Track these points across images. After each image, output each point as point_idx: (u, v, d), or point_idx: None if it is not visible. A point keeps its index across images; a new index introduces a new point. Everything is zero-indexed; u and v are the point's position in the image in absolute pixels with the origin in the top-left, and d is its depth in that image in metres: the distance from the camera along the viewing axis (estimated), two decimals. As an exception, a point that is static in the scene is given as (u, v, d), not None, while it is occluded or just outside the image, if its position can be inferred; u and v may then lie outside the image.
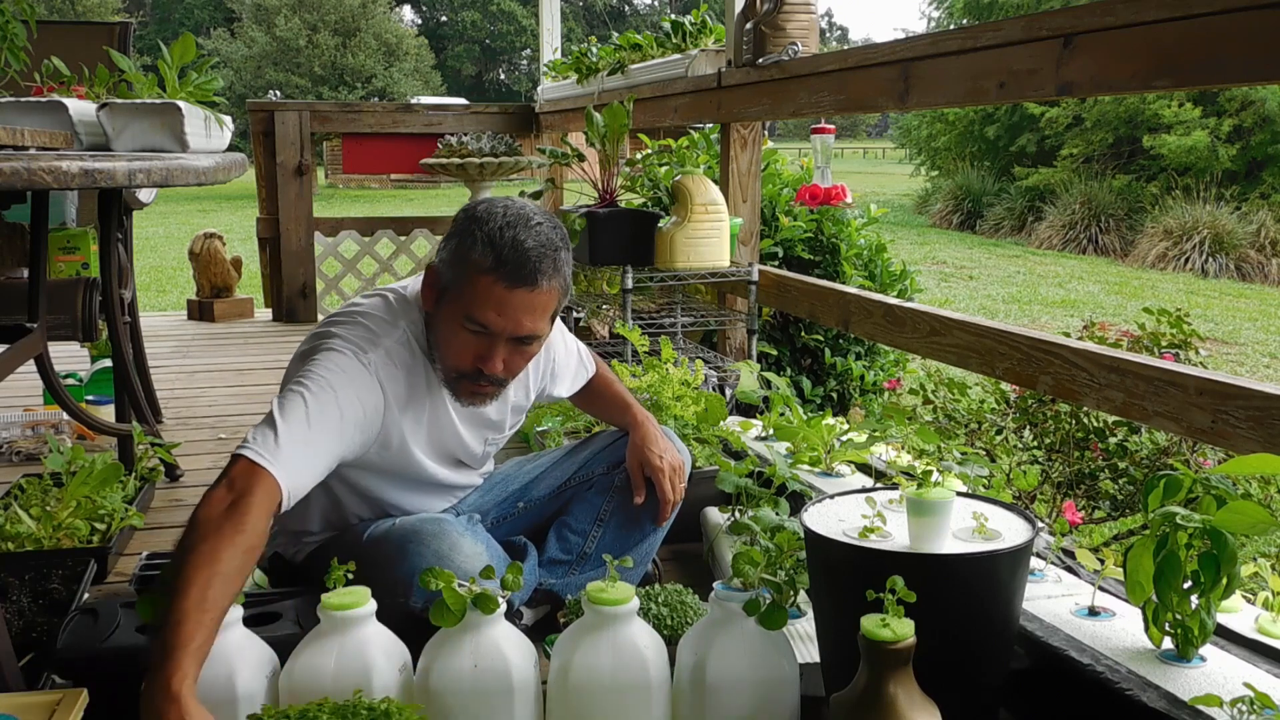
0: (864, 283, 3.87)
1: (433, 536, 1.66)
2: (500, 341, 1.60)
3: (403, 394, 1.67)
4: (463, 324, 1.60)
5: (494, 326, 1.58)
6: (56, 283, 2.47)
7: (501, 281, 1.56)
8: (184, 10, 42.33)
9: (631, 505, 1.93)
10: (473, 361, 1.62)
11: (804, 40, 2.96)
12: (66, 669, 1.52)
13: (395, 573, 1.62)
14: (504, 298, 1.56)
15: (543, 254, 1.57)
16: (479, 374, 1.63)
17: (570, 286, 1.67)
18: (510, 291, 1.56)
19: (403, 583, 1.60)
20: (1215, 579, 1.34)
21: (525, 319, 1.59)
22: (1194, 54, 1.64)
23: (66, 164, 1.45)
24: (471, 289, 1.57)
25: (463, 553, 1.64)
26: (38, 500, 2.14)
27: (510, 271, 1.56)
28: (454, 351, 1.63)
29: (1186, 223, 12.69)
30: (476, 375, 1.63)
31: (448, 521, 1.72)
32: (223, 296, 5.50)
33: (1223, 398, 1.69)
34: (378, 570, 1.56)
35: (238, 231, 10.96)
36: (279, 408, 1.51)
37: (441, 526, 1.68)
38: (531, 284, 1.57)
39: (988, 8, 19.61)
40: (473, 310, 1.58)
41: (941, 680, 1.27)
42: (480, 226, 1.58)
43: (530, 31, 41.61)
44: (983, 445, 3.22)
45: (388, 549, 1.67)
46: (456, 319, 1.60)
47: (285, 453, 1.44)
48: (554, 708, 1.40)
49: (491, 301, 1.56)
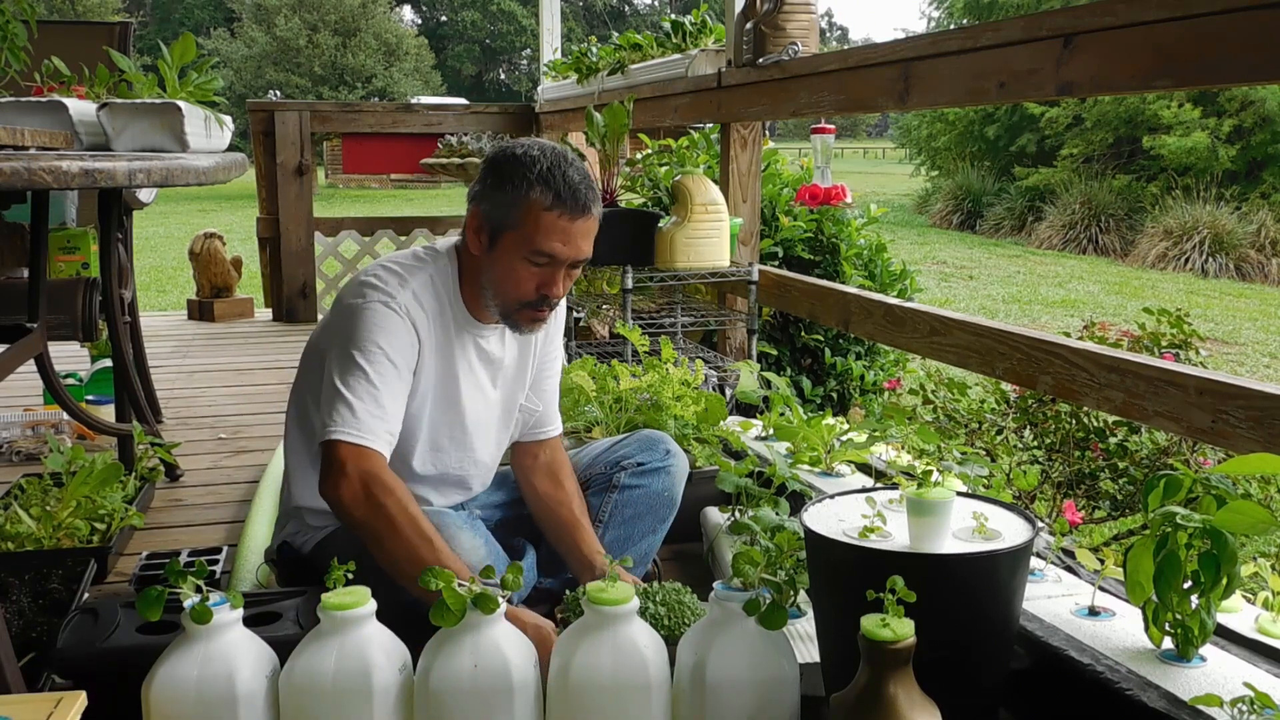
0: (864, 283, 3.88)
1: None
2: (563, 268, 1.74)
3: (430, 335, 1.77)
4: (527, 258, 1.72)
5: (560, 255, 1.72)
6: (56, 283, 2.47)
7: (566, 215, 1.70)
8: (184, 10, 42.33)
9: (630, 505, 1.93)
10: (537, 290, 1.75)
11: (804, 40, 2.96)
12: (66, 669, 1.52)
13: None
14: (567, 229, 1.71)
15: (588, 184, 1.75)
16: (543, 300, 1.76)
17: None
18: (572, 222, 1.71)
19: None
20: (1215, 579, 1.34)
21: (584, 243, 1.74)
22: (1194, 54, 1.64)
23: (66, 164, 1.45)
24: (535, 224, 1.70)
25: (461, 545, 1.66)
26: (38, 500, 2.14)
27: (571, 205, 1.71)
28: (515, 284, 1.75)
29: (1186, 223, 12.70)
30: (540, 302, 1.76)
31: (447, 514, 1.74)
32: (223, 296, 5.50)
33: (1223, 398, 1.69)
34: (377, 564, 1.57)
35: (238, 231, 10.95)
36: (343, 383, 1.64)
37: (441, 519, 1.70)
38: (586, 212, 1.73)
39: (988, 8, 19.61)
40: (538, 244, 1.71)
41: (941, 680, 1.27)
42: (530, 169, 1.71)
43: (530, 31, 41.62)
44: (983, 445, 3.22)
45: None
46: (519, 255, 1.73)
47: (368, 423, 1.61)
48: (554, 707, 1.40)
49: (557, 233, 1.71)
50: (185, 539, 2.42)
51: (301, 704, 1.35)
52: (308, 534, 1.87)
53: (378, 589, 1.40)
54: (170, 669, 1.34)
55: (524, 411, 1.96)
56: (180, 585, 1.34)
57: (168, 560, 1.79)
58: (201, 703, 1.32)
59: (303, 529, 1.87)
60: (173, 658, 1.35)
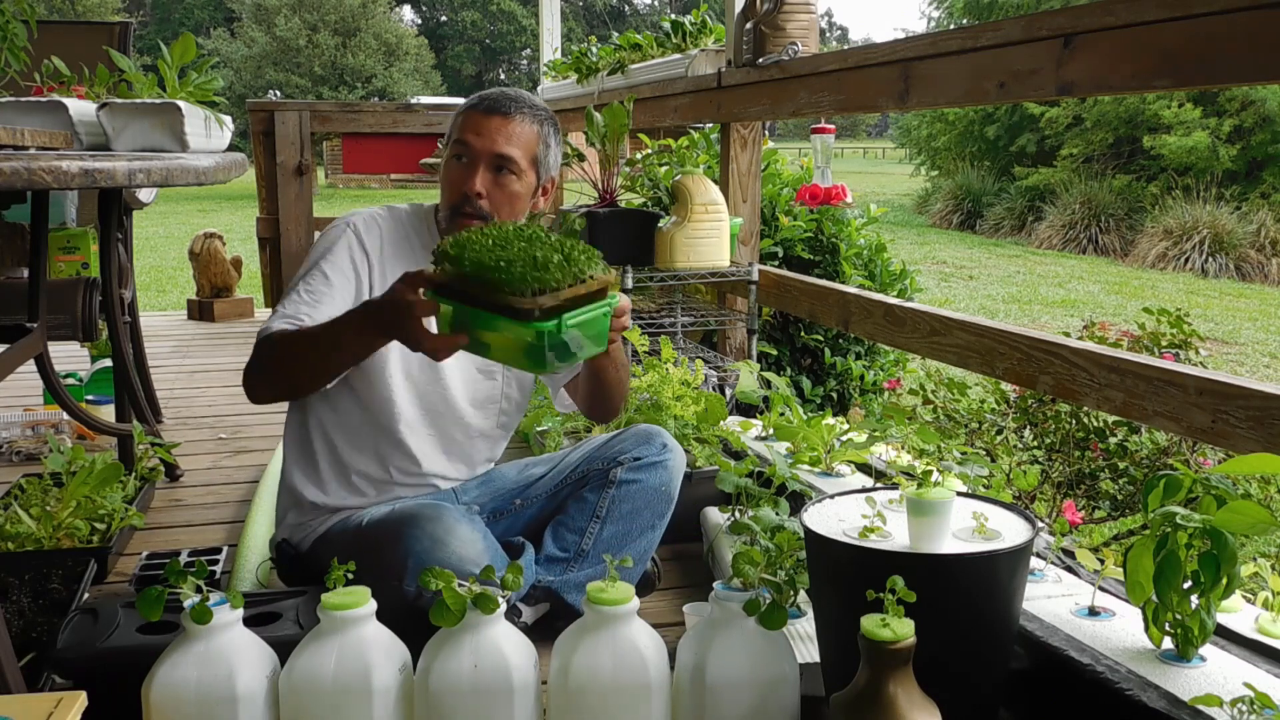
0: (864, 282, 3.87)
1: (430, 520, 1.69)
2: (480, 164, 1.83)
3: (384, 253, 1.86)
4: (453, 156, 1.86)
5: (474, 146, 1.83)
6: (56, 283, 2.47)
7: (480, 111, 1.85)
8: (184, 10, 42.32)
9: (628, 500, 1.93)
10: (460, 188, 1.84)
11: (804, 40, 2.96)
12: (66, 669, 1.52)
13: (391, 554, 1.66)
14: (482, 122, 1.83)
15: (519, 96, 1.88)
16: (465, 198, 1.83)
17: (552, 146, 1.90)
18: (487, 117, 1.84)
19: (398, 565, 1.64)
20: (1215, 579, 1.34)
21: (500, 140, 1.83)
22: (1194, 54, 1.64)
23: (66, 164, 1.45)
24: (459, 121, 1.87)
25: (459, 538, 1.67)
26: (38, 500, 2.14)
27: (489, 104, 1.85)
28: (447, 187, 1.87)
29: (1186, 223, 12.70)
30: (464, 201, 1.83)
31: (446, 507, 1.76)
32: (223, 296, 5.50)
33: (1223, 398, 1.69)
34: (375, 553, 1.63)
35: (238, 231, 10.96)
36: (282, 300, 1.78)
37: (439, 511, 1.72)
38: (505, 113, 1.84)
39: (988, 8, 19.61)
40: (458, 135, 1.85)
41: (941, 680, 1.27)
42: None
43: (530, 31, 41.60)
44: (983, 445, 3.22)
45: (385, 531, 1.72)
46: (449, 155, 1.87)
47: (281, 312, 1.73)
48: (554, 708, 1.40)
49: (471, 126, 1.84)
50: (185, 539, 2.42)
51: (301, 704, 1.35)
52: (305, 530, 1.88)
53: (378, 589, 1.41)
54: (170, 669, 1.34)
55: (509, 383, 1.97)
56: (180, 585, 1.34)
57: (168, 560, 1.80)
58: (201, 703, 1.32)
59: (300, 520, 1.89)
60: (173, 658, 1.35)
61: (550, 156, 1.90)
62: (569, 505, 1.96)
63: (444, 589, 1.34)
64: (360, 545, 1.73)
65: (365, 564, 1.45)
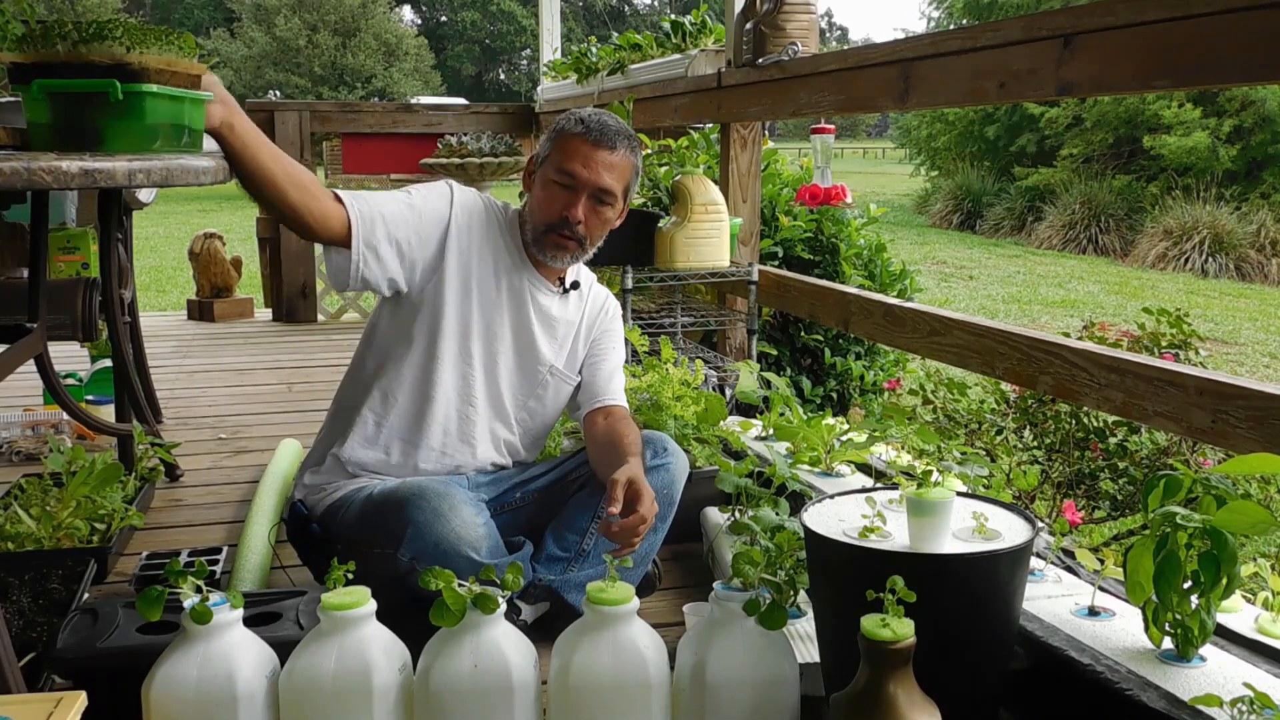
0: (864, 282, 3.87)
1: (436, 495, 1.72)
2: (583, 194, 1.89)
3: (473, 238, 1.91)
4: (553, 178, 1.90)
5: (580, 176, 1.88)
6: (56, 283, 2.47)
7: (588, 139, 1.89)
8: (184, 10, 42.31)
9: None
10: (560, 211, 1.89)
11: (804, 40, 2.96)
12: (66, 669, 1.52)
13: (394, 520, 1.69)
14: (589, 154, 1.88)
15: (623, 130, 1.93)
16: (565, 222, 1.89)
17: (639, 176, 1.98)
18: (595, 149, 1.88)
19: (398, 531, 1.68)
20: (1215, 579, 1.34)
21: (605, 174, 1.89)
22: (1194, 54, 1.64)
23: (66, 164, 1.44)
24: (563, 146, 1.90)
25: (461, 517, 1.70)
26: (38, 500, 2.14)
27: (595, 134, 1.89)
28: (544, 206, 1.91)
29: (1186, 223, 12.69)
30: (563, 224, 1.90)
31: (455, 487, 1.79)
32: (223, 296, 5.50)
33: (1223, 398, 1.69)
34: (379, 518, 1.68)
35: (238, 231, 10.95)
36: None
37: (447, 488, 1.76)
38: (611, 146, 1.89)
39: (988, 8, 19.61)
40: (563, 162, 1.88)
41: (941, 680, 1.27)
42: (572, 113, 1.94)
43: (530, 31, 41.60)
44: (983, 445, 3.22)
45: (392, 499, 1.75)
46: (549, 176, 1.91)
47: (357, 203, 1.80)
48: (554, 707, 1.40)
49: (579, 155, 1.88)
50: (185, 539, 2.42)
51: (301, 704, 1.35)
52: (320, 493, 1.92)
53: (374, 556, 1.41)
54: (170, 669, 1.34)
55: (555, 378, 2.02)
56: (180, 585, 1.34)
57: (168, 560, 1.80)
58: (201, 703, 1.32)
59: (316, 482, 1.93)
60: (173, 658, 1.35)
61: (636, 183, 1.99)
62: (570, 505, 1.97)
63: (444, 589, 1.34)
64: (368, 511, 1.79)
65: (368, 528, 1.48)
